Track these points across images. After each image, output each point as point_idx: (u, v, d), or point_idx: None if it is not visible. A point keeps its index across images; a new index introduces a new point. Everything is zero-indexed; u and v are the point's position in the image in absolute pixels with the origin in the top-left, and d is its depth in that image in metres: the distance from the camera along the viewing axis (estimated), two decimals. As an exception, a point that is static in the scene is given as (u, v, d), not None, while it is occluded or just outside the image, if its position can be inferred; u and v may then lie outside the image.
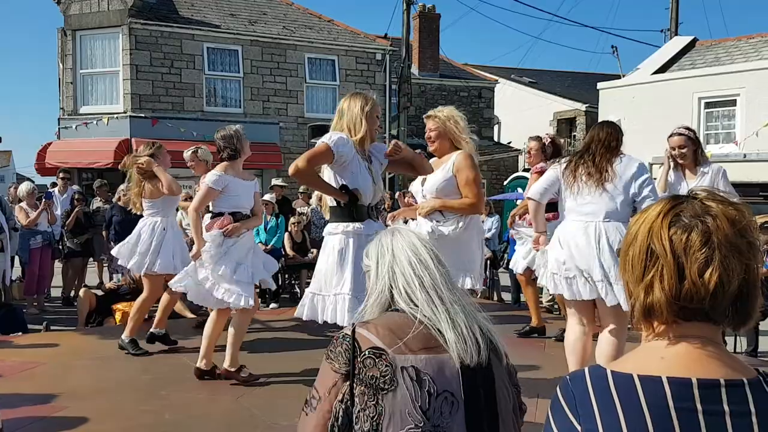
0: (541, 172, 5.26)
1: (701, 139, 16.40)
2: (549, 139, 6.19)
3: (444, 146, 4.39)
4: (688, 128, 5.21)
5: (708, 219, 1.14)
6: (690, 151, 5.03)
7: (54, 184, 11.61)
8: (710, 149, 16.40)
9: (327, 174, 3.79)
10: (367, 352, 1.63)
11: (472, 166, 4.28)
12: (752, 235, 1.15)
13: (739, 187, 13.51)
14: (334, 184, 3.73)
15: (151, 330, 5.78)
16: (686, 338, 1.15)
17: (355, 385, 1.61)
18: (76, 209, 9.94)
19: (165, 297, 5.81)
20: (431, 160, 4.41)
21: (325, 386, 1.66)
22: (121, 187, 10.05)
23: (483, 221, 12.24)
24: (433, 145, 4.43)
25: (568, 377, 1.20)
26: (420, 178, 4.39)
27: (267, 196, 10.34)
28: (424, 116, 4.61)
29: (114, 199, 10.03)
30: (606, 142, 3.95)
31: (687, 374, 1.11)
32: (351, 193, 3.68)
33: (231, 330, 4.76)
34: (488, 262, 10.45)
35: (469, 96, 24.14)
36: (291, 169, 3.64)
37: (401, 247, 1.81)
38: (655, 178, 4.57)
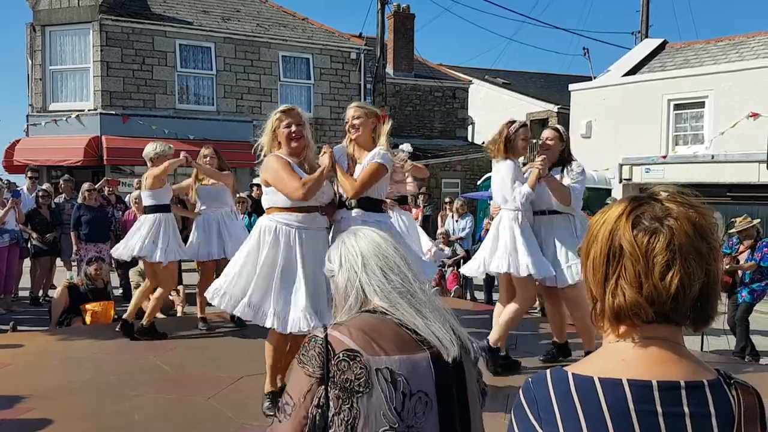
0: None
1: (670, 140, 16.75)
2: None
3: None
4: (560, 128, 5.51)
5: (669, 221, 1.13)
6: (555, 146, 5.24)
7: (9, 182, 11.25)
8: (679, 150, 16.67)
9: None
10: (341, 355, 1.58)
11: None
12: (713, 238, 1.15)
13: (707, 187, 13.82)
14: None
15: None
16: (647, 340, 1.14)
17: (329, 389, 1.57)
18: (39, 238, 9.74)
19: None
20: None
21: (300, 392, 1.60)
22: (85, 186, 9.87)
23: (456, 221, 12.26)
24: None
25: (530, 380, 1.19)
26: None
27: (243, 194, 10.25)
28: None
29: (79, 199, 9.79)
30: None
31: (647, 376, 1.10)
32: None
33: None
34: (462, 261, 10.50)
35: (443, 96, 24.21)
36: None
37: (368, 248, 1.79)
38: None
